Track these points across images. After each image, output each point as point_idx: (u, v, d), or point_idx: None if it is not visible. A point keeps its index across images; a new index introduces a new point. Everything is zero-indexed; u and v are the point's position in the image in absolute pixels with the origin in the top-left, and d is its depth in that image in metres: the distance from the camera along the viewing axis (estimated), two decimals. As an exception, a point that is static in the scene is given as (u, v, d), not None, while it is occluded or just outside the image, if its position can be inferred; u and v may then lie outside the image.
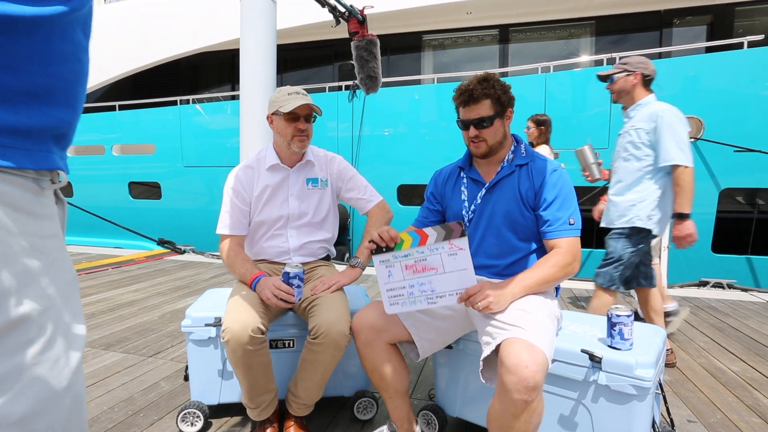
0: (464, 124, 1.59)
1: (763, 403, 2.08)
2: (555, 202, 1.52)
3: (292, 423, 1.75)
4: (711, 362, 2.54)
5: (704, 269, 5.30)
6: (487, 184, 1.63)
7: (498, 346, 1.30)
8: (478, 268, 1.59)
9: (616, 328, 1.42)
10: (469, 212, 1.65)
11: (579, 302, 3.80)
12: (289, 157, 1.90)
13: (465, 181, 1.69)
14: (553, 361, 1.43)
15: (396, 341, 1.58)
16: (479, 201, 1.64)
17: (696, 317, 3.40)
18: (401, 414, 1.62)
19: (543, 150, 4.14)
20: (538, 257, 1.59)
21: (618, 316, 1.42)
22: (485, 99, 1.53)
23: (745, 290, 4.32)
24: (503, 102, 1.56)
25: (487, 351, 1.32)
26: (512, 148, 1.65)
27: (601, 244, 6.14)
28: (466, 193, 1.67)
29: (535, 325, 1.32)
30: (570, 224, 1.50)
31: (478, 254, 1.62)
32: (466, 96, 1.55)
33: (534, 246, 1.60)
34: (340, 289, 1.79)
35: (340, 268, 1.99)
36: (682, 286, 4.46)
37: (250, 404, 1.68)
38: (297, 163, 1.92)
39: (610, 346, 1.44)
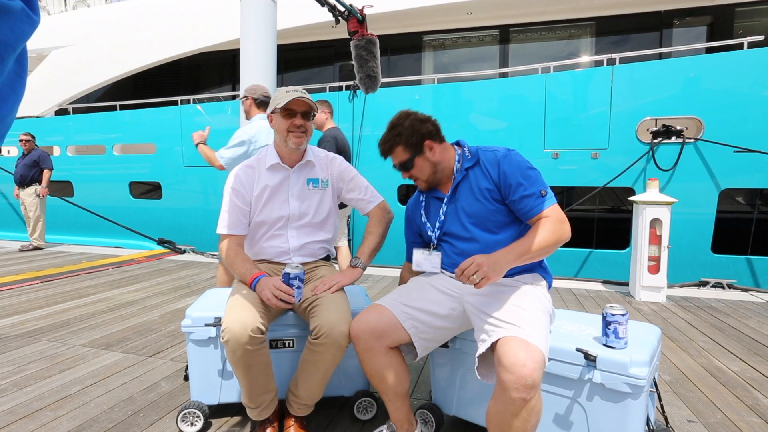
0: (398, 170, 1.68)
1: (763, 403, 2.08)
2: (520, 185, 1.51)
3: (292, 423, 1.75)
4: (711, 362, 2.54)
5: (704, 269, 5.30)
6: (445, 198, 1.66)
7: (494, 344, 1.30)
8: None
9: (611, 327, 1.44)
10: (435, 230, 1.68)
11: (578, 301, 3.80)
12: (289, 157, 1.90)
13: (423, 203, 1.74)
14: (549, 359, 1.44)
15: (397, 344, 1.58)
16: (442, 217, 1.66)
17: (696, 317, 3.40)
18: (401, 415, 1.62)
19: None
20: None
21: (613, 315, 1.43)
22: (396, 146, 1.62)
23: (745, 290, 4.32)
24: (414, 142, 1.60)
25: (482, 348, 1.33)
26: (456, 157, 1.67)
27: (600, 245, 6.13)
28: (424, 215, 1.72)
29: (531, 322, 1.33)
30: (542, 196, 1.49)
31: (477, 250, 1.62)
32: (380, 150, 1.66)
33: (515, 233, 1.58)
34: (340, 290, 1.79)
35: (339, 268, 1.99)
36: (681, 286, 4.46)
37: (250, 404, 1.69)
38: (297, 162, 1.92)
39: (605, 345, 1.45)
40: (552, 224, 1.45)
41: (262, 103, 3.22)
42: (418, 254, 1.72)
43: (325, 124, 3.83)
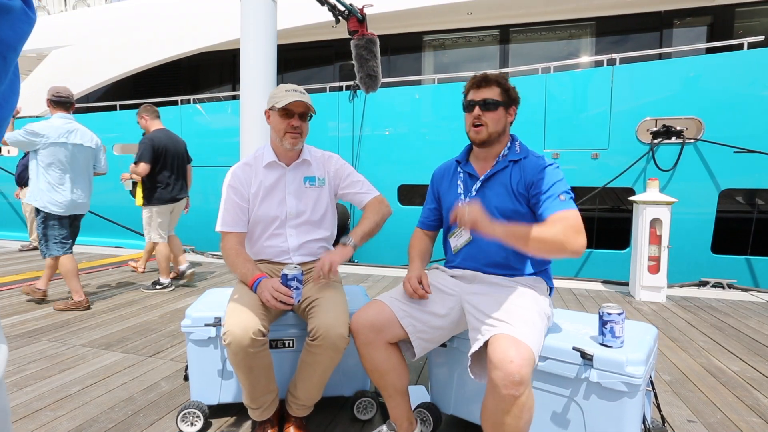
0: (469, 105, 1.62)
1: (763, 403, 2.08)
2: (549, 190, 1.50)
3: (292, 423, 1.75)
4: (711, 362, 2.54)
5: (704, 269, 5.30)
6: (482, 178, 1.66)
7: (486, 342, 1.31)
8: (483, 265, 1.63)
9: (608, 326, 1.44)
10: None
11: (578, 301, 3.80)
12: (285, 155, 1.90)
13: (461, 175, 1.73)
14: (546, 358, 1.45)
15: (395, 340, 1.58)
16: (473, 193, 1.66)
17: (696, 317, 3.40)
18: (400, 413, 1.62)
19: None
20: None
21: (609, 314, 1.44)
22: (496, 85, 1.61)
23: (745, 290, 4.32)
24: (511, 95, 1.63)
25: (475, 347, 1.34)
26: (508, 145, 1.68)
27: (600, 245, 6.12)
28: (462, 186, 1.71)
29: (523, 320, 1.34)
30: (561, 200, 1.47)
31: (478, 248, 1.64)
32: (479, 78, 1.62)
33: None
34: (339, 290, 1.79)
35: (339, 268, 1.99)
36: (681, 286, 4.46)
37: (251, 405, 1.68)
38: (294, 161, 1.92)
39: (601, 344, 1.46)
40: (563, 226, 1.40)
41: (58, 103, 3.59)
42: (452, 240, 1.72)
43: (150, 126, 4.34)
